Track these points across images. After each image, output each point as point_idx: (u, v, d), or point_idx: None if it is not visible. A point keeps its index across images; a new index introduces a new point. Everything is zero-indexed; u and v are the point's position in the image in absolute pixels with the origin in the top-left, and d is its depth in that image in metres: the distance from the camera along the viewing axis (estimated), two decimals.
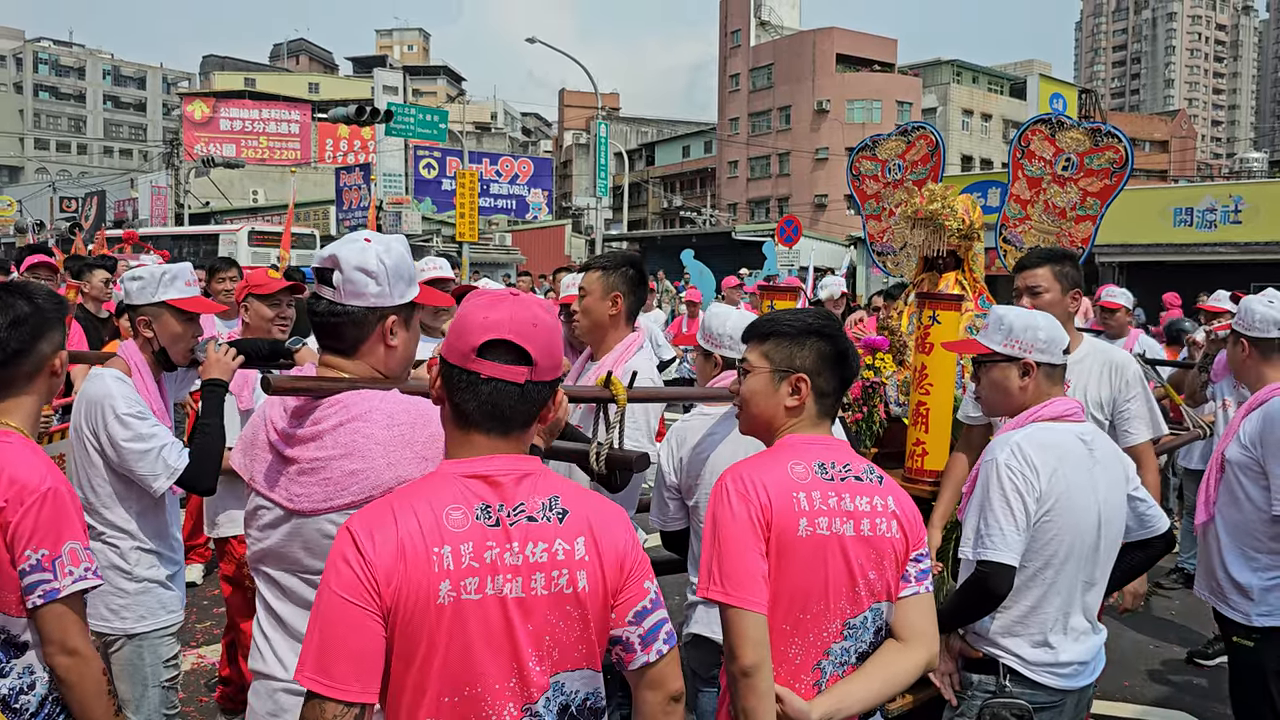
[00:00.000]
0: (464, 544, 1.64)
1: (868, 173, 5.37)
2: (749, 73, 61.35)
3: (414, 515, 1.64)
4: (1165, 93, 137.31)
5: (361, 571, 1.60)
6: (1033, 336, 2.80)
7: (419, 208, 38.29)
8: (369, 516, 1.67)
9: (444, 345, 1.74)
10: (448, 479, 1.70)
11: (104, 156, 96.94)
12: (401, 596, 1.61)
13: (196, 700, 4.78)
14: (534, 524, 1.69)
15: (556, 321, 1.78)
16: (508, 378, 1.69)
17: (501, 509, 1.68)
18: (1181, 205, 22.57)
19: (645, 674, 1.78)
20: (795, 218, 21.14)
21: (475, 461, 1.71)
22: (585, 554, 1.71)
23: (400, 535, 1.62)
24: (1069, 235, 4.54)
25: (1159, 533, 2.94)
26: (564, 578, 1.68)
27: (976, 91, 61.93)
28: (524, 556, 1.66)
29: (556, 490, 1.74)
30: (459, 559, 1.63)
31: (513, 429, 1.73)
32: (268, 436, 2.11)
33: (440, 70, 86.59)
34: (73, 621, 2.26)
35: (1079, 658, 2.73)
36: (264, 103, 57.23)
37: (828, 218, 50.93)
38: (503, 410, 1.71)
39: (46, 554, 2.22)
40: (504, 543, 1.66)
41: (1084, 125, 4.50)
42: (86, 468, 3.09)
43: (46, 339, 2.45)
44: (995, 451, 2.73)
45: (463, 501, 1.67)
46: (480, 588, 1.64)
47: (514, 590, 1.66)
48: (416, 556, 1.61)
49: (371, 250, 2.07)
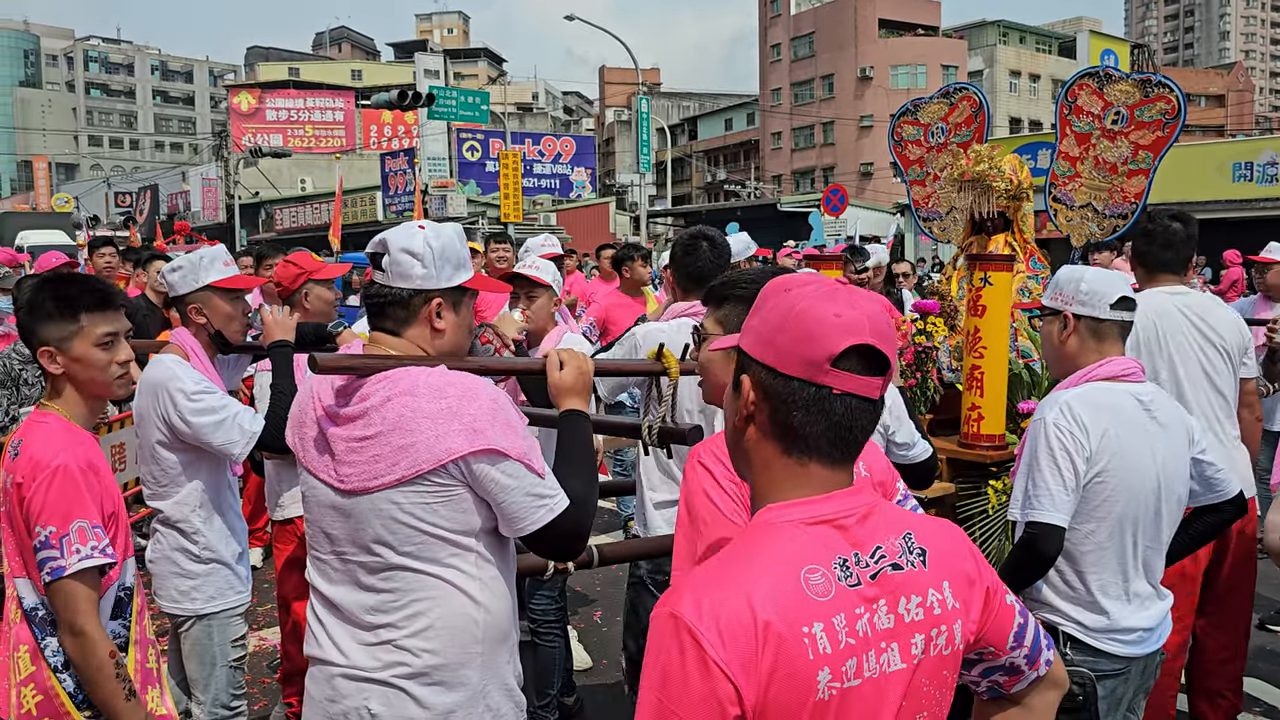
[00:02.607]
0: (835, 617, 1.27)
1: (910, 138, 5.29)
2: (790, 42, 60.64)
3: (767, 585, 1.26)
4: (1221, 45, 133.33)
5: (710, 679, 1.21)
6: (1074, 289, 2.73)
7: (464, 190, 38.44)
8: (702, 593, 1.26)
9: (768, 352, 1.36)
10: (786, 529, 1.33)
11: (155, 151, 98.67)
12: (769, 699, 1.23)
13: (260, 681, 4.88)
14: (899, 572, 1.35)
15: None
16: (864, 392, 1.34)
17: (858, 560, 1.33)
18: (1241, 160, 22.02)
19: (1036, 684, 1.55)
20: (841, 187, 20.89)
21: (815, 503, 1.34)
22: (955, 600, 1.39)
23: (756, 614, 1.23)
24: (1121, 191, 4.43)
25: (1228, 496, 2.84)
26: (942, 636, 1.37)
27: (1024, 52, 60.65)
28: (897, 617, 1.33)
29: (907, 524, 1.40)
30: (835, 638, 1.26)
31: (853, 456, 1.39)
32: (315, 413, 2.11)
33: (480, 52, 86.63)
34: (81, 601, 2.26)
35: (1143, 624, 2.66)
36: (308, 91, 57.73)
37: (874, 186, 50.34)
38: (855, 434, 1.36)
39: (54, 531, 2.24)
40: (871, 604, 1.31)
41: (1132, 77, 4.38)
42: (151, 452, 3.16)
43: (34, 334, 2.45)
44: (1044, 411, 2.68)
45: (818, 559, 1.30)
46: (859, 670, 1.28)
47: (892, 663, 1.32)
48: (783, 643, 1.23)
49: (420, 235, 2.08)
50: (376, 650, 2.02)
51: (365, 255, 2.15)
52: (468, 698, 2.04)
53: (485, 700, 2.06)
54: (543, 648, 4.14)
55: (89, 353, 2.45)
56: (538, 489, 1.99)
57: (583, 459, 2.15)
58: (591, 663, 5.01)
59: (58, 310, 2.42)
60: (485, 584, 2.05)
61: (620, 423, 2.67)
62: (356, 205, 38.98)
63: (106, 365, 2.48)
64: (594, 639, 5.35)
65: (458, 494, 1.98)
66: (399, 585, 2.01)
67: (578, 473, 2.10)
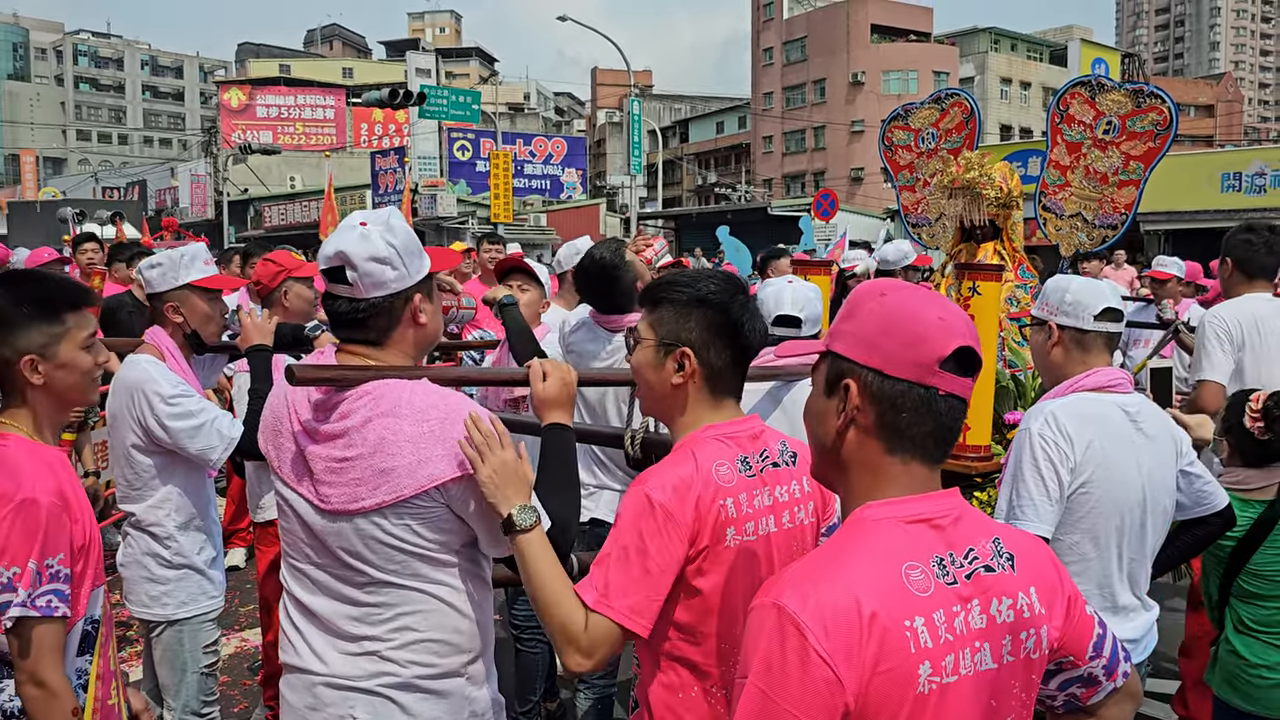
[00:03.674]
0: (935, 612, 1.32)
1: (900, 143, 5.27)
2: (782, 46, 60.73)
3: (871, 578, 1.31)
4: (1210, 55, 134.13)
5: (811, 667, 1.24)
6: (1059, 300, 2.74)
7: (454, 190, 38.34)
8: (806, 585, 1.30)
9: (873, 355, 1.41)
10: (886, 526, 1.38)
11: (144, 146, 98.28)
12: (871, 690, 1.26)
13: (240, 684, 4.83)
14: (991, 574, 1.39)
15: None
16: (963, 393, 1.42)
17: (953, 559, 1.37)
18: (1229, 170, 22.06)
19: (1112, 695, 1.56)
20: (832, 191, 20.90)
21: (913, 502, 1.40)
22: (1041, 605, 1.43)
23: (861, 606, 1.27)
24: (1111, 201, 4.42)
25: (1217, 509, 2.85)
26: (1031, 639, 1.40)
27: (1015, 59, 60.86)
28: (989, 617, 1.36)
29: (994, 530, 1.45)
30: (935, 633, 1.30)
31: (947, 455, 1.46)
32: (292, 426, 2.04)
33: (472, 52, 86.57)
34: (45, 649, 2.02)
35: (1127, 635, 2.65)
36: (299, 89, 57.54)
37: (864, 191, 50.42)
38: (954, 434, 1.43)
39: (17, 572, 1.99)
40: (966, 603, 1.36)
41: (1125, 87, 4.37)
42: (125, 455, 3.11)
43: (6, 343, 2.15)
44: (1030, 421, 2.67)
45: (917, 556, 1.35)
46: (956, 667, 1.32)
47: (984, 662, 1.35)
48: (887, 634, 1.27)
49: (376, 237, 1.96)
50: (360, 660, 1.98)
51: (321, 271, 2.02)
52: (454, 705, 2.02)
53: (471, 707, 2.05)
54: (525, 654, 4.10)
55: (75, 357, 2.21)
56: None
57: (565, 477, 2.11)
58: None
59: (39, 312, 2.16)
60: (469, 596, 2.03)
61: (603, 431, 2.64)
62: (346, 204, 38.72)
63: (91, 369, 2.25)
64: None
65: (438, 514, 1.94)
66: (384, 600, 1.97)
67: (560, 492, 2.06)
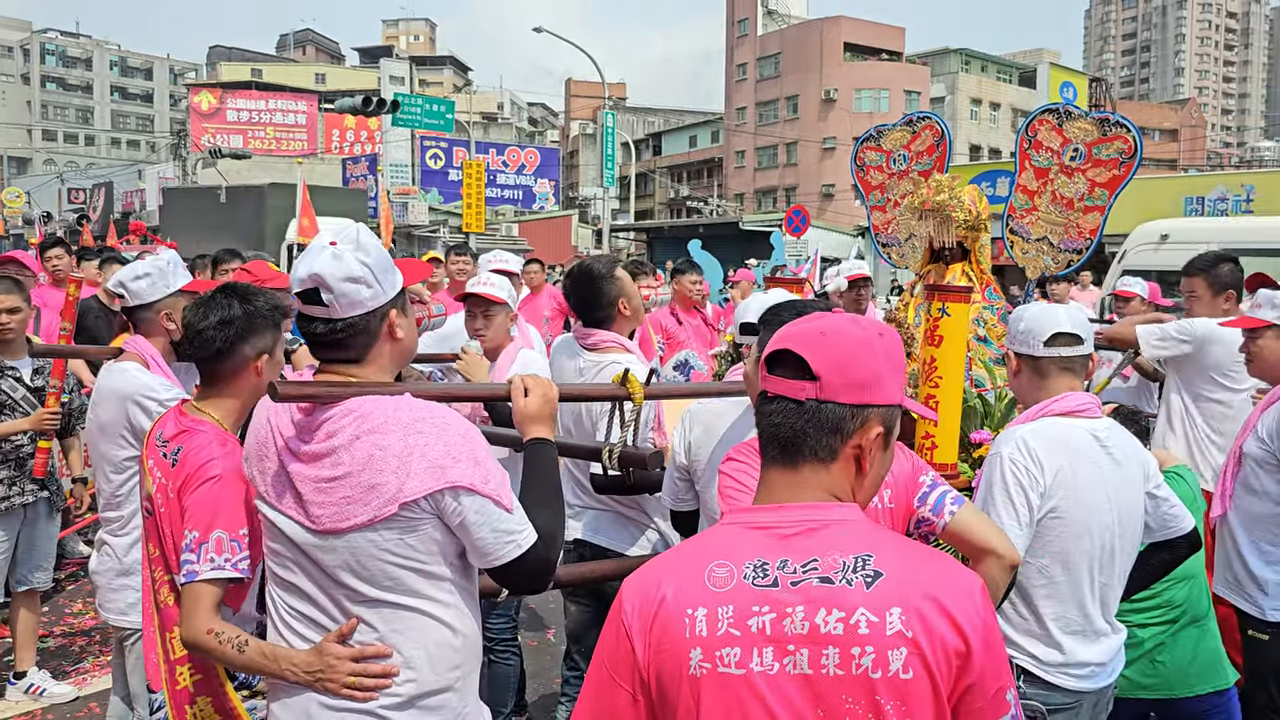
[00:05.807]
0: (723, 606, 1.41)
1: (872, 163, 5.34)
2: (756, 62, 61.13)
3: (679, 570, 1.48)
4: (1175, 81, 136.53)
5: (619, 638, 1.48)
6: (1014, 329, 2.81)
7: (425, 198, 38.25)
8: (644, 570, 1.53)
9: None
10: (728, 529, 1.52)
11: (111, 148, 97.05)
12: (657, 662, 1.45)
13: None
14: (825, 586, 1.40)
15: (871, 336, 1.52)
16: (788, 393, 1.49)
17: (784, 565, 1.43)
18: (1193, 194, 22.43)
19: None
20: (803, 207, 21.01)
21: (765, 510, 1.50)
22: (901, 628, 1.38)
23: (660, 590, 1.46)
24: (1077, 226, 4.50)
25: (1183, 533, 2.87)
26: (868, 658, 1.38)
27: (985, 80, 61.63)
28: (812, 625, 1.39)
29: (875, 548, 1.44)
30: (714, 624, 1.41)
31: (800, 458, 1.50)
32: (276, 448, 2.04)
33: (446, 60, 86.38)
34: (203, 609, 2.17)
35: (1096, 659, 2.68)
36: (271, 93, 57.08)
37: (835, 207, 50.77)
38: (792, 436, 1.49)
39: (196, 536, 2.24)
40: (782, 607, 1.40)
41: (1092, 115, 4.46)
42: (103, 462, 3.10)
43: (250, 342, 2.52)
44: (1000, 445, 2.70)
45: (732, 558, 1.45)
46: (743, 661, 1.40)
47: (799, 666, 1.39)
48: (670, 618, 1.44)
49: (350, 257, 1.97)
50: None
51: (294, 295, 2.03)
52: (449, 719, 2.04)
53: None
54: (498, 665, 4.11)
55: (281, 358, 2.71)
56: (505, 524, 1.96)
57: (549, 491, 2.13)
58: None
59: (273, 320, 2.61)
60: (459, 610, 2.04)
61: (582, 445, 2.67)
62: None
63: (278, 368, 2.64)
64: (547, 657, 5.33)
65: (427, 526, 1.95)
66: (376, 619, 1.98)
67: (545, 505, 2.08)
